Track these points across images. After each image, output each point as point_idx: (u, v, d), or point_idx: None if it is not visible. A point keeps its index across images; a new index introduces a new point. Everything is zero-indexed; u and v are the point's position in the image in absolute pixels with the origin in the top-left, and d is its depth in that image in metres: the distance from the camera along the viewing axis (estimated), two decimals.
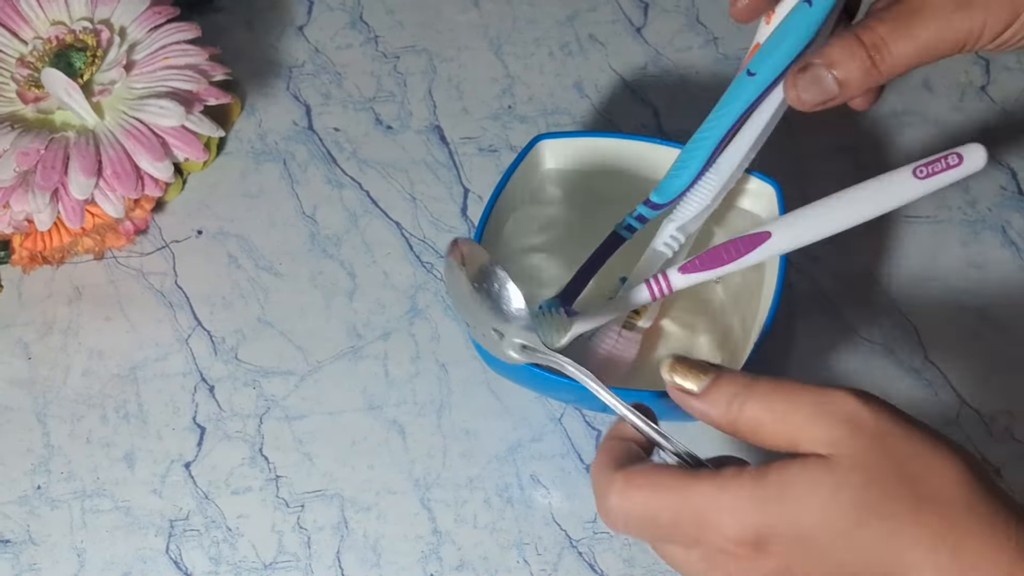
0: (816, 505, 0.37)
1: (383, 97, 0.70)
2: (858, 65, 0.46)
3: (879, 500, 0.37)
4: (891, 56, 0.46)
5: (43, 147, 0.60)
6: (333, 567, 0.56)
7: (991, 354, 0.60)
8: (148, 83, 0.63)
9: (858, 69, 0.47)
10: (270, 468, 0.58)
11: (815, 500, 0.37)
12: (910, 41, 0.46)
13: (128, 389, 0.61)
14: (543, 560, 0.56)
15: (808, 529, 0.37)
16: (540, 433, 0.59)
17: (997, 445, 0.58)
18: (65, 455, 0.59)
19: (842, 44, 0.47)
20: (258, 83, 0.70)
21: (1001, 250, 0.63)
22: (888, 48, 0.46)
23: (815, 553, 0.37)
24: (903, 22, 0.46)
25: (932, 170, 0.48)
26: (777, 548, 0.38)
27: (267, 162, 0.68)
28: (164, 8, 0.65)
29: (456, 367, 0.61)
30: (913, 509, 0.37)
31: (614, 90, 0.69)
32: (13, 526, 0.57)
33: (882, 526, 0.37)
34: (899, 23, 0.46)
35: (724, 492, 0.38)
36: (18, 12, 0.66)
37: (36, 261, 0.64)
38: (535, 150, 0.61)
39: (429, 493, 0.58)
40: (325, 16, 0.73)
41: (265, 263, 0.64)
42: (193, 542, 0.57)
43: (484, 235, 0.58)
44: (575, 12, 0.73)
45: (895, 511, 0.37)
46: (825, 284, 0.62)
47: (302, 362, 0.61)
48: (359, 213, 0.66)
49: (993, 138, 0.67)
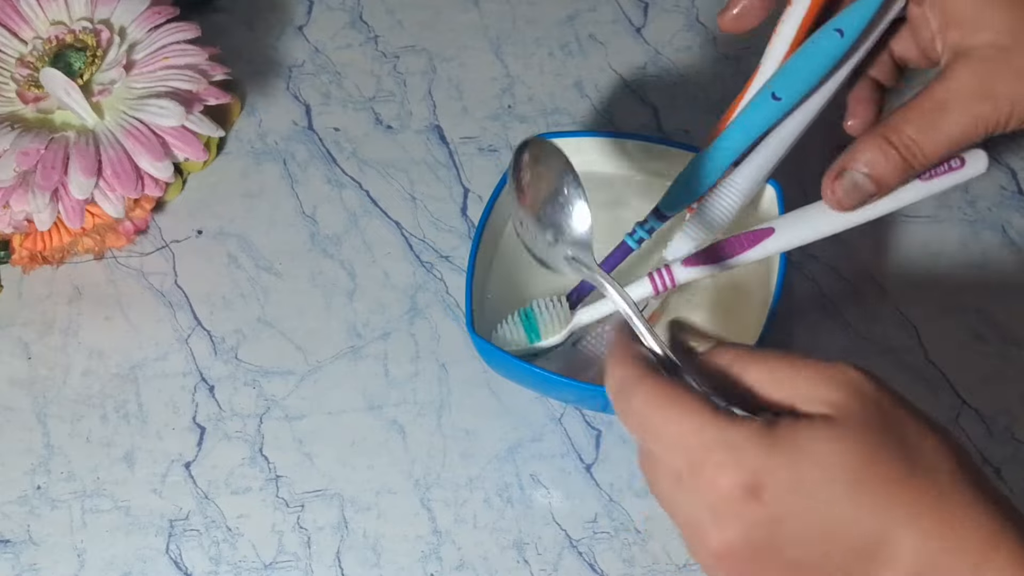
0: (821, 458, 0.37)
1: (383, 97, 0.70)
2: (893, 167, 0.47)
3: (879, 462, 0.37)
4: (923, 156, 0.47)
5: (43, 147, 0.60)
6: (333, 567, 0.56)
7: (991, 354, 0.60)
8: (148, 83, 0.63)
9: (894, 170, 0.47)
10: (270, 468, 0.58)
11: (820, 454, 0.38)
12: (940, 137, 0.47)
13: (128, 389, 0.61)
14: (543, 560, 0.56)
15: (808, 482, 0.37)
16: (540, 433, 0.59)
17: (997, 445, 0.58)
18: (65, 455, 0.59)
19: (874, 147, 0.47)
20: (258, 83, 0.70)
21: (1001, 250, 0.63)
22: (919, 147, 0.47)
23: (808, 507, 0.37)
24: (930, 119, 0.46)
25: (935, 172, 0.48)
26: (771, 497, 0.38)
27: (267, 162, 0.68)
28: (164, 8, 0.65)
29: (456, 367, 0.61)
30: (908, 475, 0.37)
31: (614, 90, 0.69)
32: (13, 526, 0.57)
33: (879, 488, 0.37)
34: (926, 121, 0.46)
35: (734, 430, 0.38)
36: (18, 12, 0.66)
37: (36, 261, 0.64)
38: None
39: (429, 493, 0.58)
40: (325, 16, 0.73)
41: (265, 263, 0.64)
42: (193, 542, 0.57)
43: (484, 235, 0.58)
44: (575, 12, 0.73)
45: (892, 475, 0.37)
46: (825, 284, 0.62)
47: (302, 362, 0.61)
48: (359, 213, 0.66)
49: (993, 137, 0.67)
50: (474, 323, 0.55)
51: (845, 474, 0.37)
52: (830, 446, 0.38)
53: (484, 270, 0.58)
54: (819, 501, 0.37)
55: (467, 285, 0.56)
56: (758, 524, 0.38)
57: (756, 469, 0.38)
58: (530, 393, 0.59)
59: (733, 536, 0.38)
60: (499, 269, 0.59)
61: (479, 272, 0.57)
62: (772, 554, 0.38)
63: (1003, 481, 0.57)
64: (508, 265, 0.59)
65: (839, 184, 0.48)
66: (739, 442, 0.38)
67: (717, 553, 0.39)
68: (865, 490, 0.37)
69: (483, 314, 0.57)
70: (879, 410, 0.39)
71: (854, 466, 0.37)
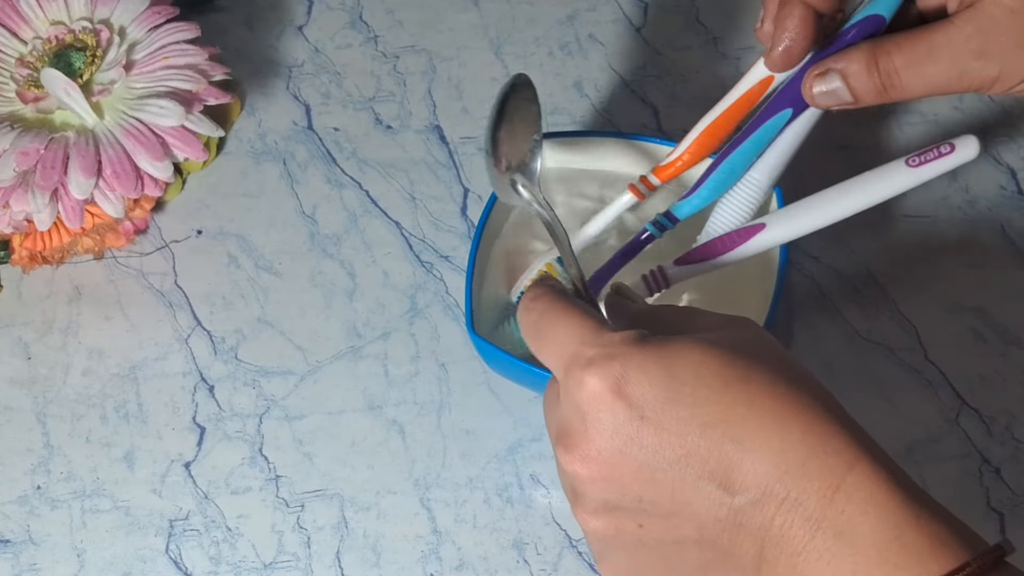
0: (691, 364, 0.38)
1: (383, 97, 0.70)
2: (872, 87, 0.47)
3: (747, 378, 0.38)
4: (901, 88, 0.47)
5: (43, 147, 0.60)
6: (333, 567, 0.56)
7: (991, 354, 0.60)
8: (148, 83, 0.63)
9: (872, 91, 0.47)
10: (270, 468, 0.58)
11: (691, 360, 0.38)
12: (920, 79, 0.47)
13: (128, 389, 0.61)
14: (543, 560, 0.56)
15: (677, 384, 0.37)
16: (540, 433, 0.59)
17: (997, 445, 0.58)
18: (65, 455, 0.59)
19: (860, 59, 0.47)
20: (258, 83, 0.70)
21: (1001, 250, 0.63)
22: (900, 79, 0.47)
23: (674, 410, 0.37)
24: (919, 58, 0.46)
25: (924, 159, 0.48)
26: (639, 397, 0.38)
27: (267, 162, 0.68)
28: (164, 8, 0.65)
29: (456, 367, 0.61)
30: (774, 391, 0.37)
31: (614, 90, 0.69)
32: (13, 526, 0.57)
33: (745, 398, 0.37)
34: (915, 58, 0.46)
35: (610, 334, 0.39)
36: (18, 12, 0.66)
37: (36, 261, 0.64)
38: None
39: (429, 493, 0.58)
40: (325, 16, 0.73)
41: (265, 263, 0.64)
42: (193, 542, 0.57)
43: (484, 235, 0.58)
44: (575, 12, 0.73)
45: (760, 389, 0.37)
46: (825, 284, 0.62)
47: (302, 362, 0.61)
48: (359, 213, 0.66)
49: (993, 137, 0.67)
50: (474, 323, 0.55)
51: (713, 380, 0.37)
52: (702, 355, 0.38)
53: (484, 270, 0.58)
54: (684, 404, 0.37)
55: (467, 285, 0.56)
56: (624, 423, 0.38)
57: (626, 369, 0.38)
58: (530, 393, 0.59)
59: (597, 436, 0.38)
60: (499, 269, 0.59)
61: (479, 272, 0.57)
62: (634, 458, 0.38)
63: (1003, 481, 0.57)
64: (508, 265, 0.59)
65: (820, 81, 0.48)
66: (613, 344, 0.39)
67: (583, 455, 0.39)
68: (730, 397, 0.37)
69: (483, 314, 0.57)
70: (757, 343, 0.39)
71: (723, 375, 0.38)
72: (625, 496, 0.38)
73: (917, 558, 0.35)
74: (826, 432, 0.37)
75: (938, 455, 0.57)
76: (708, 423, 0.37)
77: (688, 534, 0.38)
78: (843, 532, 0.35)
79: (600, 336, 0.40)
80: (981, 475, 0.57)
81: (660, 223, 0.55)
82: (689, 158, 0.55)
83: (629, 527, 0.39)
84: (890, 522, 0.35)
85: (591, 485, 0.39)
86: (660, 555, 0.39)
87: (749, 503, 0.37)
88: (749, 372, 0.38)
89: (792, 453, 0.36)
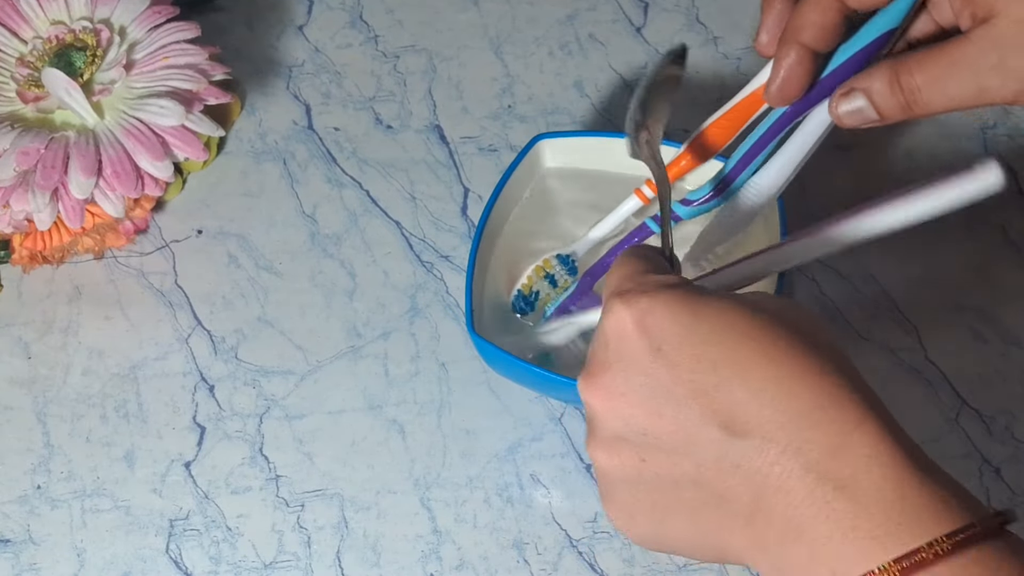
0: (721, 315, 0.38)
1: (383, 96, 0.70)
2: (896, 105, 0.48)
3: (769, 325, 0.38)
4: (925, 105, 0.47)
5: (43, 147, 0.60)
6: (333, 567, 0.56)
7: (991, 354, 0.60)
8: (148, 82, 0.63)
9: (895, 107, 0.48)
10: (270, 468, 0.58)
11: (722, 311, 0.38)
12: (943, 96, 0.47)
13: (128, 388, 0.61)
14: (543, 560, 0.56)
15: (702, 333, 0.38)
16: (540, 433, 0.59)
17: (997, 445, 0.58)
18: (65, 455, 0.59)
19: (882, 78, 0.48)
20: (258, 83, 0.70)
21: (1001, 250, 0.63)
22: (923, 96, 0.47)
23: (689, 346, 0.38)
24: (939, 75, 0.47)
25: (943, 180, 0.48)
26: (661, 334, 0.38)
27: (267, 161, 0.68)
28: (164, 8, 0.65)
29: (456, 367, 0.61)
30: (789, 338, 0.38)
31: (614, 90, 0.69)
32: (13, 526, 0.57)
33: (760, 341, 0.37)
34: (936, 75, 0.47)
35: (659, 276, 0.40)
36: (18, 12, 0.66)
37: (36, 260, 0.64)
38: (535, 150, 0.61)
39: (429, 493, 0.58)
40: (325, 16, 0.73)
41: (265, 263, 0.64)
42: (193, 542, 0.57)
43: (484, 235, 0.58)
44: (575, 12, 0.73)
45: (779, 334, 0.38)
46: (825, 284, 0.62)
47: (302, 362, 0.61)
48: (359, 213, 0.66)
49: (993, 138, 0.67)
50: (474, 323, 0.55)
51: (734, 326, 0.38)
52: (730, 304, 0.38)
53: (484, 270, 0.58)
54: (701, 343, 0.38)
55: (467, 285, 0.56)
56: (640, 354, 0.38)
57: (653, 304, 0.38)
58: (530, 393, 0.59)
59: (615, 364, 0.39)
60: (499, 269, 0.59)
61: (479, 272, 0.57)
62: (645, 391, 0.38)
63: (1003, 481, 0.57)
64: (508, 265, 0.59)
65: (844, 102, 0.49)
66: (649, 282, 0.40)
67: (598, 384, 0.39)
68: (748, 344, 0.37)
69: (483, 314, 0.57)
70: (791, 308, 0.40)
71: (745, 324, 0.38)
72: (631, 428, 0.39)
73: (918, 518, 0.35)
74: (836, 390, 0.37)
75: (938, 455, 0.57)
76: (720, 362, 0.37)
77: (686, 471, 0.38)
78: (845, 487, 0.35)
79: (643, 275, 0.41)
80: (981, 475, 0.57)
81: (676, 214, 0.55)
82: (692, 159, 0.55)
83: (632, 461, 0.39)
84: (894, 481, 0.35)
85: (602, 416, 0.39)
86: (658, 492, 0.39)
87: (750, 447, 0.36)
88: (771, 326, 0.38)
89: (799, 403, 0.36)
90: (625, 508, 0.40)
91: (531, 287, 0.58)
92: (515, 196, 0.61)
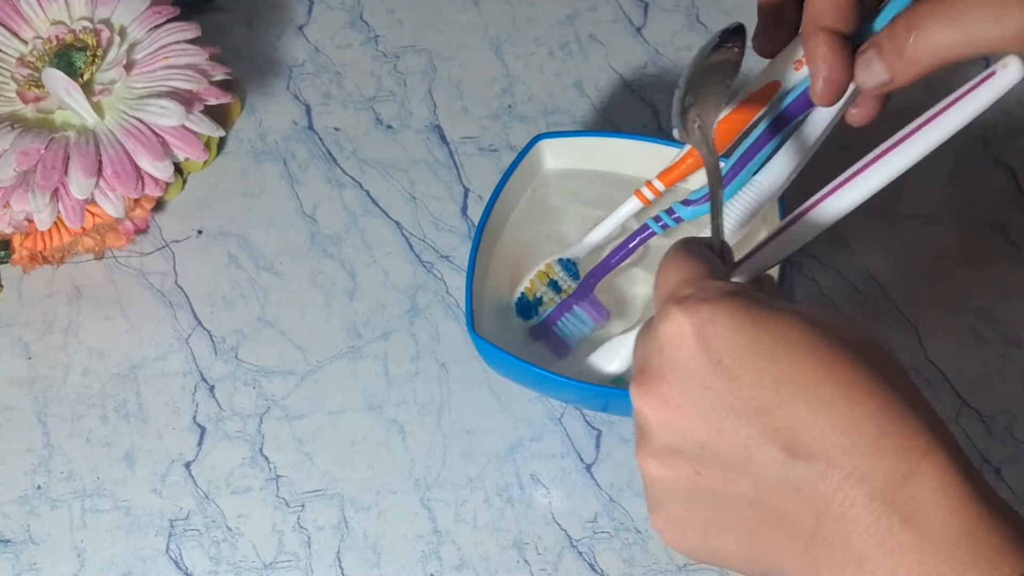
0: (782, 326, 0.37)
1: (383, 97, 0.70)
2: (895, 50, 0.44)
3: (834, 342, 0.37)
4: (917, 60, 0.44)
5: (43, 147, 0.60)
6: (333, 567, 0.56)
7: (991, 354, 0.60)
8: (148, 83, 0.63)
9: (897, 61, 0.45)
10: (270, 468, 0.58)
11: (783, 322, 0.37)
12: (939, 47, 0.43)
13: (128, 389, 0.61)
14: (543, 560, 0.56)
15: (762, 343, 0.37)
16: (540, 433, 0.59)
17: (997, 445, 0.58)
18: (65, 455, 0.59)
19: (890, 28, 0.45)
20: (258, 83, 0.70)
21: (1001, 250, 0.63)
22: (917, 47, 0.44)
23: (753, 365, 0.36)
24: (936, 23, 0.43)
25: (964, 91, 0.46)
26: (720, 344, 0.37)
27: (267, 162, 0.68)
28: (164, 8, 0.65)
29: (456, 367, 0.61)
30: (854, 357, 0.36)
31: (614, 90, 0.69)
32: (13, 526, 0.57)
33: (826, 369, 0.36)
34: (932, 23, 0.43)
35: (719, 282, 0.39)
36: (18, 12, 0.66)
37: (36, 261, 0.64)
38: (535, 150, 0.61)
39: (429, 493, 0.58)
40: (325, 16, 0.73)
41: (265, 263, 0.64)
42: (193, 542, 0.57)
43: (484, 235, 0.58)
44: (575, 12, 0.73)
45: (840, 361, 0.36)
46: (825, 284, 0.62)
47: (302, 362, 0.61)
48: (359, 213, 0.66)
49: (993, 137, 0.67)
50: (474, 323, 0.55)
51: (797, 342, 0.36)
52: (793, 317, 0.37)
53: (484, 270, 0.58)
54: (763, 357, 0.36)
55: (467, 285, 0.56)
56: (700, 366, 0.37)
57: (715, 313, 0.37)
58: (530, 393, 0.59)
59: (671, 374, 0.38)
60: (499, 269, 0.59)
61: (479, 272, 0.57)
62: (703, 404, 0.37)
63: (1003, 481, 0.57)
64: (509, 265, 0.59)
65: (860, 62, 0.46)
66: (710, 288, 0.38)
67: (653, 394, 0.38)
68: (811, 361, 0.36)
69: (483, 314, 0.57)
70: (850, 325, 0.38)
71: (809, 340, 0.36)
72: (688, 441, 0.37)
73: (988, 557, 0.34)
74: (902, 415, 0.35)
75: None
76: (783, 380, 0.36)
77: (744, 490, 0.37)
78: (911, 519, 0.34)
79: (703, 280, 0.39)
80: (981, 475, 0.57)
81: (663, 222, 0.55)
82: (694, 161, 0.55)
83: (686, 473, 0.38)
84: (962, 517, 0.34)
85: (656, 426, 0.38)
86: (712, 508, 0.38)
87: (813, 471, 0.35)
88: (835, 343, 0.37)
89: (864, 427, 0.35)
90: (676, 521, 0.39)
91: (535, 292, 0.58)
92: (515, 196, 0.61)
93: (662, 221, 0.55)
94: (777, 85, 0.52)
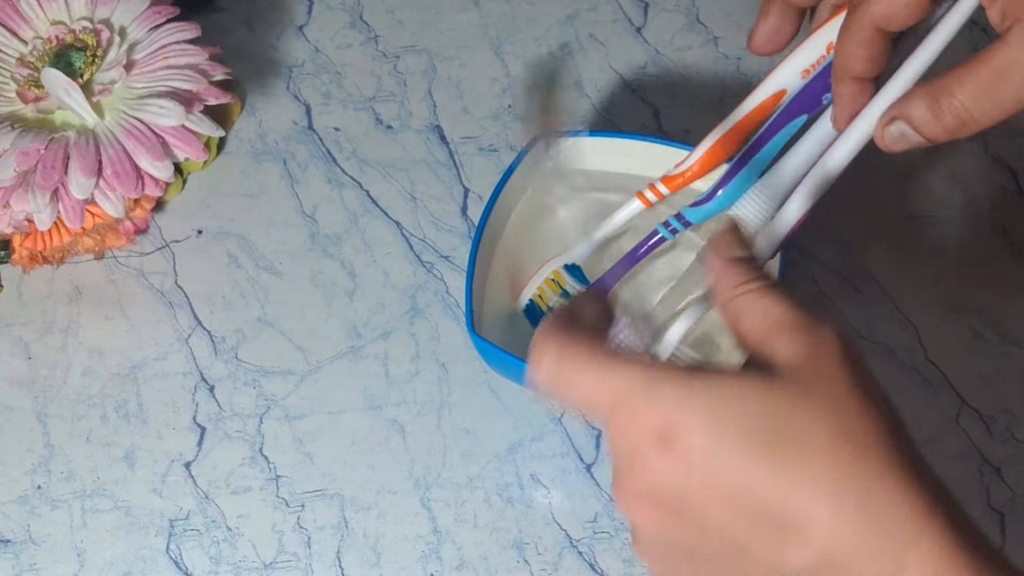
0: (741, 413, 0.36)
1: (383, 97, 0.70)
2: (942, 128, 0.45)
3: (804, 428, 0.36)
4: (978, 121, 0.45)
5: (43, 147, 0.60)
6: (333, 567, 0.56)
7: (991, 354, 0.60)
8: (148, 83, 0.63)
9: (943, 131, 0.46)
10: (270, 468, 0.58)
11: (741, 408, 0.36)
12: (996, 106, 0.44)
13: (128, 389, 0.61)
14: (543, 560, 0.56)
15: (724, 435, 0.36)
16: (540, 433, 0.59)
17: (997, 445, 0.58)
18: (65, 455, 0.59)
19: (921, 105, 0.45)
20: (258, 83, 0.70)
21: (1001, 250, 0.63)
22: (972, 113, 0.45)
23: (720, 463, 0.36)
24: (986, 87, 0.44)
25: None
26: (684, 447, 0.36)
27: (267, 162, 0.68)
28: (164, 8, 0.65)
29: (456, 367, 0.61)
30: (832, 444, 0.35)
31: (614, 90, 0.69)
32: (13, 526, 0.57)
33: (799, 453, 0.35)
34: (982, 88, 0.44)
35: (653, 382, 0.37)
36: (18, 12, 0.66)
37: (36, 261, 0.64)
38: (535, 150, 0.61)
39: (429, 493, 0.58)
40: (325, 16, 0.73)
41: (265, 263, 0.64)
42: (193, 542, 0.57)
43: (484, 235, 0.58)
44: (575, 12, 0.73)
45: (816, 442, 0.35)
46: (825, 284, 0.62)
47: (302, 362, 0.61)
48: (359, 213, 0.66)
49: (993, 138, 0.67)
50: (474, 323, 0.55)
51: (763, 433, 0.35)
52: (755, 402, 0.36)
53: (484, 270, 0.58)
54: (732, 457, 0.35)
55: (467, 285, 0.56)
56: (668, 472, 0.37)
57: (671, 417, 0.36)
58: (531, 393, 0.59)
59: (642, 485, 0.37)
60: (500, 269, 0.59)
61: (479, 272, 0.57)
62: (679, 507, 0.37)
63: (1003, 481, 0.57)
64: (509, 265, 0.59)
65: (888, 133, 0.47)
66: (657, 389, 0.37)
67: (631, 495, 0.38)
68: (783, 452, 0.35)
69: (483, 314, 0.57)
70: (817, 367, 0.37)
71: (773, 427, 0.36)
72: (675, 540, 0.38)
73: None
74: (887, 496, 0.35)
75: (938, 455, 0.57)
76: (754, 486, 0.35)
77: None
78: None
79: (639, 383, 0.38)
80: (981, 475, 0.57)
81: (672, 227, 0.55)
82: (699, 169, 0.55)
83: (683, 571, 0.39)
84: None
85: (643, 526, 0.39)
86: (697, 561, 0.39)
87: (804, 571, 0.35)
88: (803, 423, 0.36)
89: (849, 525, 0.35)
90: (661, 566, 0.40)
91: (547, 302, 0.58)
92: (515, 196, 0.61)
93: (671, 226, 0.55)
94: (783, 94, 0.52)
